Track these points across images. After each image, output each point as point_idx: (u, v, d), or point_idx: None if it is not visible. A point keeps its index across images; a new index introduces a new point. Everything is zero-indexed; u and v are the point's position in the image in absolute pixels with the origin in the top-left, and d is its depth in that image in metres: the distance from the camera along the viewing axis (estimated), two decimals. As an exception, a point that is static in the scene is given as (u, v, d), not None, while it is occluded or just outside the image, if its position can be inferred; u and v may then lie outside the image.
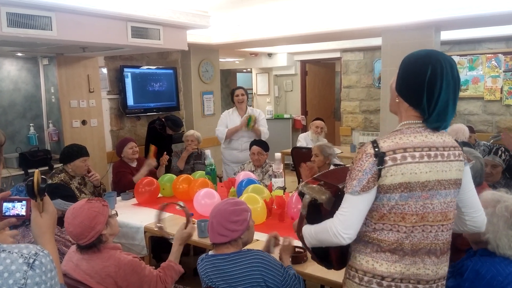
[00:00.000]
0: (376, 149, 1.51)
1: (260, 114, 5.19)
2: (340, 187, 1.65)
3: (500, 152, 3.37)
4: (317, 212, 1.69)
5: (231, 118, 5.11)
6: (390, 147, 1.51)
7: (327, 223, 1.58)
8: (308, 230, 1.70)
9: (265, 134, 5.03)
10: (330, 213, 1.60)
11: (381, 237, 1.55)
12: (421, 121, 1.58)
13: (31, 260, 0.93)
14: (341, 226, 1.52)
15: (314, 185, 1.70)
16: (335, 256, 1.70)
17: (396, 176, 1.49)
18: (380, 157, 1.49)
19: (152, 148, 4.49)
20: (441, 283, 1.61)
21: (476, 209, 1.66)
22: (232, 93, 5.23)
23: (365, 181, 1.49)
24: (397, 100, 1.62)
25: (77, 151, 3.78)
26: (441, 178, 1.53)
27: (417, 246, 1.54)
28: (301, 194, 1.73)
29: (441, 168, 1.53)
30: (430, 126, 1.56)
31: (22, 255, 0.93)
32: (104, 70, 5.70)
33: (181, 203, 2.52)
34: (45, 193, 1.37)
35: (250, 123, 4.91)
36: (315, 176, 1.79)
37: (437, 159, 1.53)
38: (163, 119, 5.61)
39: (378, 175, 1.50)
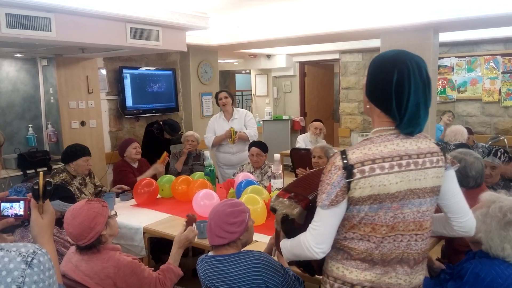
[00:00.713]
0: (345, 161, 1.45)
1: (247, 115, 5.03)
2: (310, 198, 1.61)
3: (499, 154, 3.36)
4: (291, 226, 1.66)
5: (218, 123, 4.98)
6: (359, 159, 1.44)
7: (300, 238, 1.56)
8: (285, 245, 1.68)
9: (253, 137, 4.89)
10: (304, 227, 1.57)
11: (351, 245, 1.52)
12: (393, 127, 1.51)
13: (29, 259, 0.93)
14: (314, 241, 1.50)
15: (285, 199, 1.67)
16: (315, 263, 1.68)
17: (364, 189, 1.43)
18: (348, 170, 1.44)
19: (164, 154, 4.49)
20: None
21: (463, 213, 1.58)
22: (216, 96, 5.09)
23: (333, 195, 1.44)
24: (368, 106, 1.57)
25: (80, 150, 3.81)
26: (414, 187, 1.47)
27: (388, 256, 1.50)
28: (273, 210, 1.70)
29: (413, 176, 1.47)
30: (403, 132, 1.49)
31: (20, 254, 0.93)
32: (103, 71, 5.70)
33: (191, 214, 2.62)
34: (50, 195, 1.38)
35: (232, 136, 4.78)
36: (285, 187, 1.75)
37: (410, 168, 1.46)
38: (161, 123, 5.61)
39: (348, 188, 1.44)
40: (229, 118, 4.94)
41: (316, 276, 1.80)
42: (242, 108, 6.71)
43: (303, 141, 5.93)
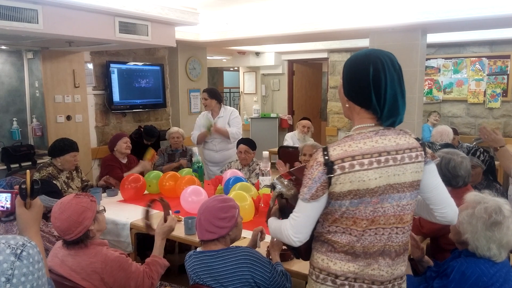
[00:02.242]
0: (326, 157, 1.51)
1: (232, 113, 4.91)
2: None
3: (478, 153, 3.40)
4: (284, 205, 1.76)
5: (204, 121, 4.87)
6: (339, 155, 1.50)
7: (282, 224, 1.63)
8: (270, 224, 1.77)
9: (235, 135, 4.77)
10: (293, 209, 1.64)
11: (334, 239, 1.57)
12: (373, 124, 1.56)
13: (18, 251, 0.92)
14: (292, 230, 1.57)
15: (286, 180, 1.75)
16: (303, 248, 1.75)
17: (344, 184, 1.49)
18: (329, 166, 1.49)
19: (151, 151, 4.47)
20: (397, 283, 1.62)
21: (445, 204, 1.63)
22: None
23: (314, 190, 1.51)
24: (347, 105, 1.62)
25: (68, 146, 3.78)
26: (394, 182, 1.52)
27: (370, 249, 1.55)
28: (273, 186, 1.78)
29: (392, 172, 1.51)
30: (386, 124, 1.55)
31: (9, 246, 0.92)
32: (90, 66, 5.64)
33: (163, 199, 2.52)
34: (38, 194, 1.37)
35: (208, 126, 4.72)
36: (291, 169, 1.82)
37: (388, 164, 1.51)
38: (142, 128, 5.65)
39: (328, 183, 1.50)
40: (216, 116, 4.88)
41: (302, 260, 1.87)
42: (230, 105, 6.70)
43: (291, 139, 5.95)
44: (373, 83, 1.50)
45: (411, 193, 1.57)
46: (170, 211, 2.52)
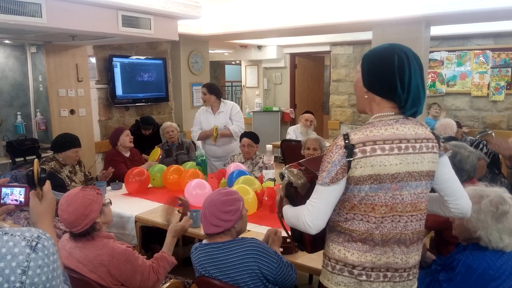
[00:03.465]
0: (347, 141, 1.53)
1: (233, 108, 4.83)
2: (317, 174, 1.69)
3: (481, 146, 3.40)
4: (293, 194, 1.77)
5: (204, 117, 4.83)
6: (360, 139, 1.52)
7: (299, 210, 1.63)
8: (286, 211, 1.77)
9: (237, 132, 4.71)
10: (304, 198, 1.65)
11: (352, 227, 1.58)
12: (393, 113, 1.59)
13: (33, 243, 0.92)
14: (310, 217, 1.57)
15: (295, 169, 1.76)
16: (308, 240, 1.76)
17: (365, 168, 1.51)
18: (349, 149, 1.51)
19: (158, 151, 4.45)
20: (412, 272, 1.64)
21: (459, 196, 1.65)
22: None
23: (333, 173, 1.52)
24: (366, 97, 1.63)
25: (70, 142, 3.77)
26: (412, 170, 1.54)
27: (387, 236, 1.57)
28: (282, 176, 1.79)
29: (412, 160, 1.54)
30: (408, 113, 1.58)
31: (24, 238, 0.92)
32: (93, 60, 5.64)
33: (183, 198, 2.57)
34: (45, 182, 1.37)
35: (214, 134, 4.65)
36: (300, 161, 1.83)
37: (408, 151, 1.53)
38: (138, 121, 5.69)
39: (348, 166, 1.52)
40: (216, 111, 4.79)
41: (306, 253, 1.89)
42: (232, 99, 6.69)
43: (293, 133, 5.94)
44: (398, 71, 1.53)
45: (426, 182, 1.59)
46: (188, 212, 2.55)
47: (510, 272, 1.84)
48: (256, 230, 2.71)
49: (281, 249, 2.30)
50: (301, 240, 1.84)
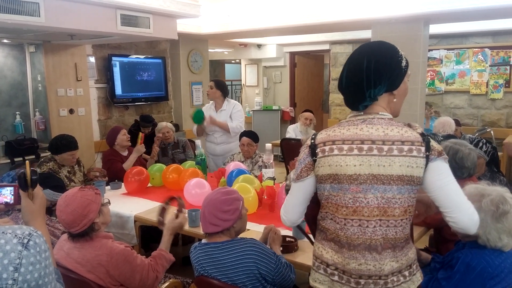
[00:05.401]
0: (312, 141, 1.59)
1: (235, 106, 4.85)
2: None
3: (481, 144, 3.40)
4: None
5: (207, 113, 4.81)
6: (322, 139, 1.57)
7: None
8: None
9: (235, 129, 4.71)
10: None
11: (326, 226, 1.62)
12: (362, 113, 1.59)
13: (25, 240, 0.93)
14: (283, 210, 1.71)
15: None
16: (310, 230, 1.83)
17: (324, 167, 1.55)
18: (312, 149, 1.58)
19: (141, 135, 4.45)
20: (390, 280, 1.52)
21: (454, 209, 1.49)
22: None
23: (299, 170, 1.61)
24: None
25: (65, 145, 3.72)
26: (377, 172, 1.47)
27: (355, 241, 1.52)
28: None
29: (376, 162, 1.47)
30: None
31: (16, 235, 0.93)
32: (92, 59, 5.63)
33: (177, 197, 2.58)
34: (37, 184, 1.38)
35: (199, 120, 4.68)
36: None
37: (372, 153, 1.48)
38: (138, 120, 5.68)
39: (313, 165, 1.59)
40: (219, 109, 4.85)
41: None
42: (231, 98, 6.67)
43: (293, 131, 5.95)
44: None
45: (400, 187, 1.48)
46: (184, 210, 2.55)
47: (509, 270, 1.85)
48: (257, 229, 2.70)
49: (281, 248, 2.31)
50: (303, 230, 1.95)
